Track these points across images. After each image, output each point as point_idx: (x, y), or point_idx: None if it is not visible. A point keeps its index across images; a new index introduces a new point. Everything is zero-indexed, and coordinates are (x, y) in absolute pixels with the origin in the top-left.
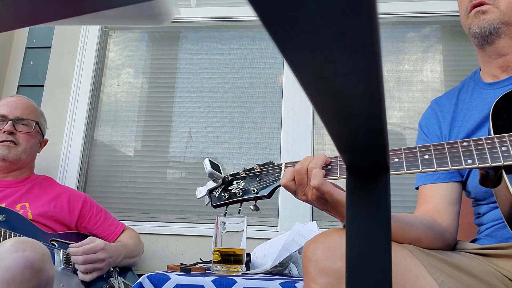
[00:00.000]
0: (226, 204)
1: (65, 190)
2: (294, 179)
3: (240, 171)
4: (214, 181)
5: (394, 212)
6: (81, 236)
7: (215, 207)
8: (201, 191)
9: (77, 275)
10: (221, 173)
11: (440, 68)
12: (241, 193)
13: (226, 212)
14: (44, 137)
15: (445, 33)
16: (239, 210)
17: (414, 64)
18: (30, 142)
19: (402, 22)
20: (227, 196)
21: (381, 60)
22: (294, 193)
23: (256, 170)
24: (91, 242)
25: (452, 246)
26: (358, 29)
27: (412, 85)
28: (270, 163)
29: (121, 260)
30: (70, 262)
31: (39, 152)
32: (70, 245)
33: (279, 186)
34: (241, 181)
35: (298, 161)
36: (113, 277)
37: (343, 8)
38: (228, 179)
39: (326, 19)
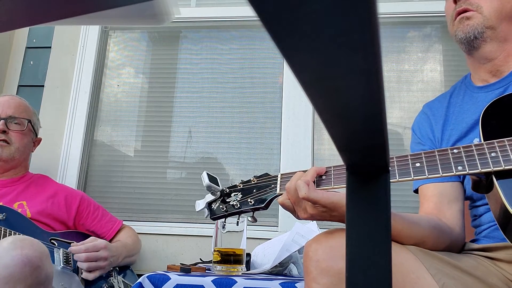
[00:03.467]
0: (225, 217)
1: (62, 188)
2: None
3: (238, 183)
4: (212, 193)
5: (399, 212)
6: (81, 235)
7: (214, 219)
8: (200, 204)
9: (77, 274)
10: (219, 186)
11: (440, 68)
12: (238, 205)
13: (224, 224)
14: (38, 136)
15: (445, 33)
16: (237, 222)
17: (415, 64)
18: (23, 140)
19: (402, 22)
20: (225, 208)
21: (381, 60)
22: (293, 213)
23: (253, 182)
24: (93, 241)
25: (461, 247)
26: (358, 29)
27: (412, 85)
28: (266, 174)
29: (122, 260)
30: (70, 261)
31: (32, 151)
32: (71, 243)
33: (275, 197)
34: (239, 193)
35: (295, 172)
36: (112, 276)
37: (343, 8)
38: (226, 191)
39: (326, 19)
